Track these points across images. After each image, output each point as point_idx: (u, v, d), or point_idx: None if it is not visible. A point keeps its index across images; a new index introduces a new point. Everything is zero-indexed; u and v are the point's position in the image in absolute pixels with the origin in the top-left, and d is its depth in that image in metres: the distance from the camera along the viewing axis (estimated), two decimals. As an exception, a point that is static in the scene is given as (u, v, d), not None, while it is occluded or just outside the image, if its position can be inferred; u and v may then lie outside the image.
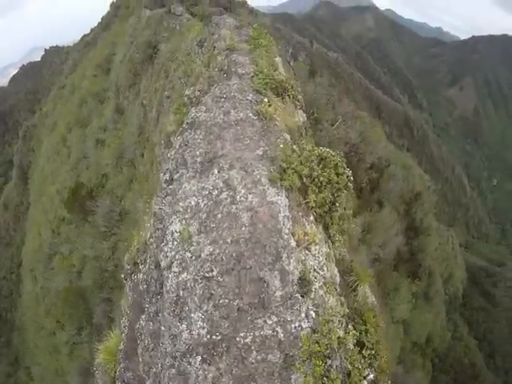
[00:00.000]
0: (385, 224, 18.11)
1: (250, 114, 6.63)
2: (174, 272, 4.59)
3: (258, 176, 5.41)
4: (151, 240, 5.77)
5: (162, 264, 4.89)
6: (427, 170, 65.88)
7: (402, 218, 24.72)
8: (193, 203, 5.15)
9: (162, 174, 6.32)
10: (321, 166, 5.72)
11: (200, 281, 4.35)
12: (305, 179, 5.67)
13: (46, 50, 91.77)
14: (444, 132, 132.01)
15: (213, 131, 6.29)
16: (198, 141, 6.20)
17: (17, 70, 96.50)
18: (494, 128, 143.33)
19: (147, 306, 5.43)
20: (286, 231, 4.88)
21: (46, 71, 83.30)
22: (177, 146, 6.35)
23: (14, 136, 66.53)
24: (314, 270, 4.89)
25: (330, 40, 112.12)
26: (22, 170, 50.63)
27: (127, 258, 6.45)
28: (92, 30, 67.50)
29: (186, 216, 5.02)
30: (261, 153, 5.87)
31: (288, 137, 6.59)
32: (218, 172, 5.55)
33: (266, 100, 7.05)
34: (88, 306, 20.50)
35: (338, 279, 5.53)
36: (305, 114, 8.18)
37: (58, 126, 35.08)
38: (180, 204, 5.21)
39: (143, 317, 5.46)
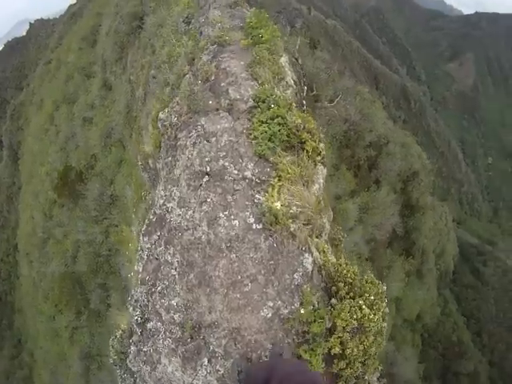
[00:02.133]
0: (382, 204, 17.86)
1: (251, 220, 4.38)
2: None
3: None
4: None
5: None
6: (423, 143, 65.47)
7: (399, 196, 24.53)
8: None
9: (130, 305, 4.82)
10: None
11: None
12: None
13: (30, 23, 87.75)
14: (441, 106, 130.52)
15: (192, 261, 4.21)
16: (172, 275, 4.31)
17: (2, 47, 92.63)
18: (492, 106, 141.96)
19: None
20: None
21: (31, 46, 79.93)
22: (140, 269, 4.72)
23: (3, 115, 64.66)
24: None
25: (329, 7, 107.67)
26: (12, 150, 49.50)
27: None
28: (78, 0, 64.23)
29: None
30: (270, 314, 3.81)
31: (311, 261, 4.29)
32: (209, 363, 3.73)
33: (273, 181, 4.73)
34: (84, 292, 20.40)
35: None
36: (325, 169, 5.73)
37: (45, 104, 33.82)
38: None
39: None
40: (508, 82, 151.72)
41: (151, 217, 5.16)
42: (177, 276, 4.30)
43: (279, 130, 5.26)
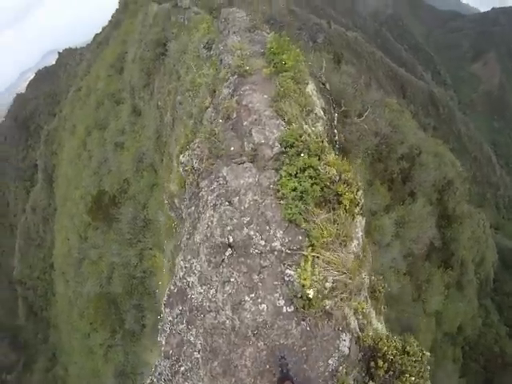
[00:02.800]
0: (419, 217, 17.12)
1: (281, 303, 3.85)
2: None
3: None
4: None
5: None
6: (455, 148, 63.19)
7: (435, 206, 23.52)
8: None
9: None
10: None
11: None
12: None
13: (59, 52, 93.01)
14: (470, 109, 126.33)
15: (216, 347, 3.82)
16: (195, 358, 4.02)
17: (33, 75, 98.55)
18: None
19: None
20: None
21: (61, 74, 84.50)
22: (163, 341, 4.45)
23: (37, 140, 68.24)
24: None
25: (348, 19, 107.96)
26: (47, 173, 51.93)
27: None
28: (103, 28, 67.57)
29: None
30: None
31: (348, 342, 3.73)
32: None
33: (306, 251, 4.02)
34: (119, 312, 20.67)
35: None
36: (364, 219, 5.06)
37: (77, 130, 35.36)
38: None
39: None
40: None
41: (172, 287, 4.89)
42: (200, 360, 3.95)
43: (311, 186, 4.48)
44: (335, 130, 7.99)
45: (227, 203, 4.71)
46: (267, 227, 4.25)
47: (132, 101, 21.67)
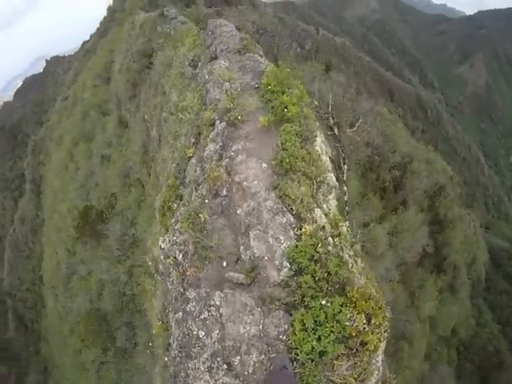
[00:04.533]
0: (411, 226, 17.03)
1: None
2: None
3: None
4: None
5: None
6: (443, 151, 63.95)
7: (426, 213, 23.56)
8: None
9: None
10: None
11: None
12: None
13: (46, 60, 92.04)
14: (457, 111, 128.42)
15: None
16: None
17: (21, 83, 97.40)
18: (508, 104, 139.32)
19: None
20: None
21: (49, 82, 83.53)
22: None
23: (25, 149, 67.11)
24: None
25: (335, 25, 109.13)
26: (35, 184, 50.97)
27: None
28: (91, 36, 66.94)
29: None
30: None
31: None
32: None
33: None
34: (110, 329, 20.18)
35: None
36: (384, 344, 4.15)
37: (64, 140, 34.74)
38: None
39: None
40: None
41: None
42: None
43: (333, 344, 3.40)
44: (345, 187, 7.02)
45: (225, 366, 3.77)
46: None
47: (118, 112, 21.27)
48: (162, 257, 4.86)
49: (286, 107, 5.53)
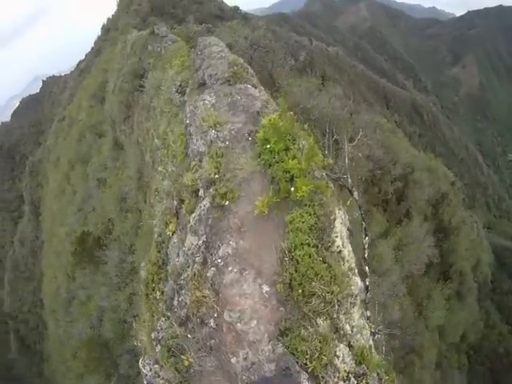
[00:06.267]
0: (416, 238, 16.65)
1: None
2: None
3: None
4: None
5: None
6: (442, 153, 63.84)
7: (430, 221, 23.24)
8: None
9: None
10: None
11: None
12: None
13: (43, 80, 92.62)
14: (453, 112, 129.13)
15: None
16: None
17: (18, 104, 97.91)
18: (502, 101, 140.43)
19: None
20: None
21: (46, 102, 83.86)
22: None
23: (23, 170, 67.10)
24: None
25: (327, 34, 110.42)
26: (34, 206, 50.78)
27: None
28: (86, 55, 67.29)
29: None
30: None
31: None
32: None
33: None
34: (113, 356, 19.66)
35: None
36: None
37: (60, 162, 34.54)
38: None
39: None
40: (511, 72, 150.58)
41: None
42: None
43: None
44: (367, 268, 5.64)
45: None
46: None
47: (113, 134, 21.05)
48: (154, 343, 4.09)
49: (292, 179, 3.97)
